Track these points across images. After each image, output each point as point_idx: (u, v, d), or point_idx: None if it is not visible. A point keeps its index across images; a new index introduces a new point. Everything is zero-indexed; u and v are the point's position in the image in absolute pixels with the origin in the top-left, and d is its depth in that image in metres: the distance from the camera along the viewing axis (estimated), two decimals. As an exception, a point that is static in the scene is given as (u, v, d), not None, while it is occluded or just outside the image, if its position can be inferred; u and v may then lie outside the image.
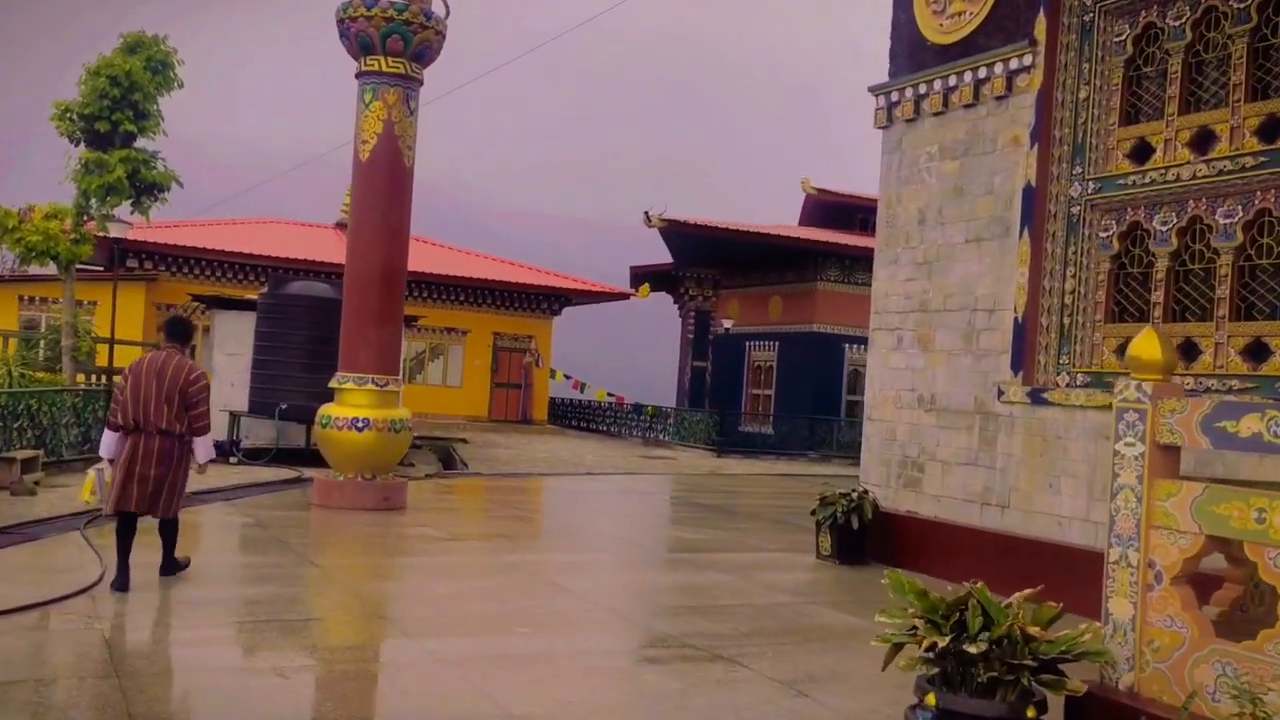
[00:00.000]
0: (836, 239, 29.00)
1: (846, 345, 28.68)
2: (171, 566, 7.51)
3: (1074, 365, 8.91)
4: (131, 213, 16.41)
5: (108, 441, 7.26)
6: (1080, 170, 9.00)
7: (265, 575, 8.10)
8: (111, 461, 7.25)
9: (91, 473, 7.60)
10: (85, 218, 16.24)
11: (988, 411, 9.45)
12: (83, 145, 16.08)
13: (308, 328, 16.89)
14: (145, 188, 16.35)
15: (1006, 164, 9.52)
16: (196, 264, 28.34)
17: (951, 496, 9.72)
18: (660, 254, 34.94)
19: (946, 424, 9.85)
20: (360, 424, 11.99)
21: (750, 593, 8.39)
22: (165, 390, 7.10)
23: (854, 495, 10.27)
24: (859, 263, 28.76)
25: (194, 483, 14.30)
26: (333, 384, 12.39)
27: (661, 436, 29.98)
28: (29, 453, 12.45)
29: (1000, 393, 9.30)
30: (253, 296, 18.17)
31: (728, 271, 32.15)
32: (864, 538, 10.15)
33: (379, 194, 12.35)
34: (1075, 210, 9.01)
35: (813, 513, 10.43)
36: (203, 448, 7.42)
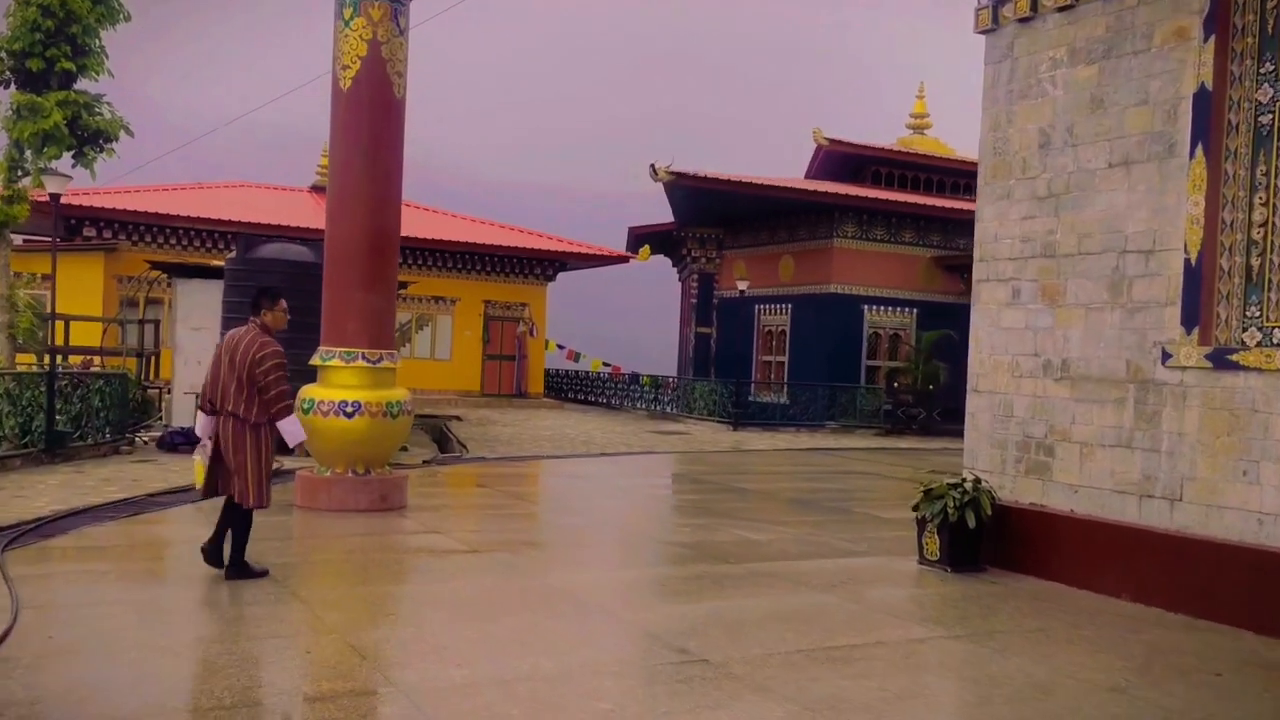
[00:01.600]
0: (856, 192, 26.97)
1: (866, 306, 26.73)
2: (240, 569, 6.86)
3: (1268, 318, 6.94)
4: (74, 165, 14.16)
5: (200, 421, 7.03)
6: (1272, 68, 6.99)
7: (231, 620, 6.08)
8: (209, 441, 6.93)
9: (197, 456, 7.08)
10: (19, 173, 13.97)
11: (1146, 379, 7.49)
12: (13, 87, 13.78)
13: (284, 296, 14.74)
14: (88, 136, 14.06)
15: (1167, 65, 7.50)
16: (160, 232, 26.05)
17: (1095, 486, 7.77)
18: (656, 216, 32.86)
19: (1086, 396, 7.88)
20: (350, 408, 9.95)
21: (869, 623, 6.44)
22: (235, 371, 6.79)
23: (966, 485, 8.31)
24: (877, 218, 26.83)
25: (156, 481, 12.34)
26: (315, 361, 10.32)
27: (669, 409, 28.00)
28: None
29: (1166, 355, 7.33)
30: (220, 263, 16.01)
31: (733, 231, 30.08)
32: (980, 538, 8.22)
33: (365, 130, 10.22)
34: (1265, 119, 7.01)
35: (915, 507, 8.48)
36: (287, 431, 6.93)
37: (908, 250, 27.23)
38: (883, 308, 26.92)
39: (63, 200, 24.77)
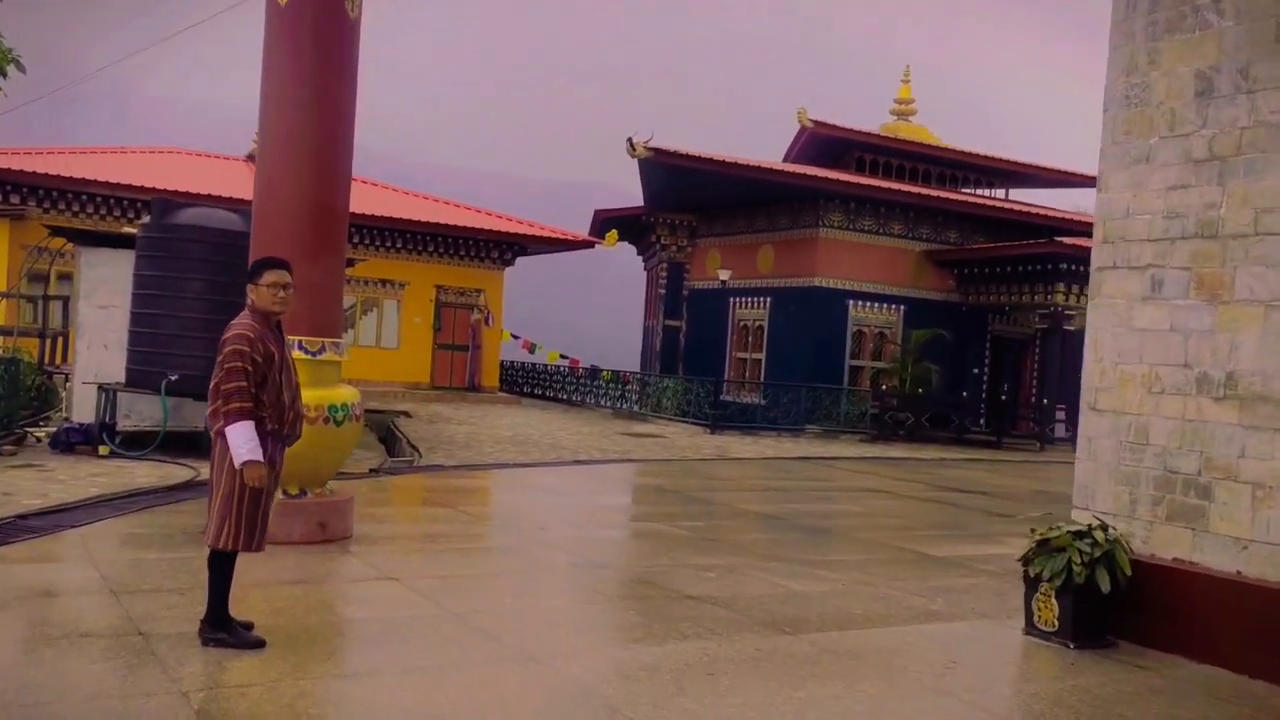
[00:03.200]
0: (848, 178, 25.09)
1: (851, 302, 24.88)
2: (217, 630, 5.15)
3: None
4: (-57, 103, 11.66)
5: None
6: None
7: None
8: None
9: None
10: (-122, 111, 11.47)
11: (1362, 404, 5.58)
12: None
13: (207, 269, 12.46)
14: (-35, 67, 11.60)
15: (1404, -19, 5.59)
16: (76, 198, 23.37)
17: (1275, 542, 5.86)
18: (619, 202, 30.76)
19: (1264, 422, 5.96)
20: (280, 412, 7.72)
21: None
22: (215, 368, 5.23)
23: (1095, 535, 6.34)
24: (865, 207, 25.00)
25: (33, 495, 9.90)
26: (237, 350, 8.08)
27: (636, 407, 25.92)
28: None
29: (1397, 373, 5.43)
30: (132, 231, 13.60)
31: (708, 218, 28.06)
32: (1110, 604, 6.28)
33: (308, 54, 7.99)
34: None
35: (1025, 561, 6.49)
36: (232, 442, 5.05)
37: (896, 243, 25.43)
38: (868, 304, 25.09)
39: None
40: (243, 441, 5.03)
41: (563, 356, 32.90)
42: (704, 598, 6.90)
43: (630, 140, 21.84)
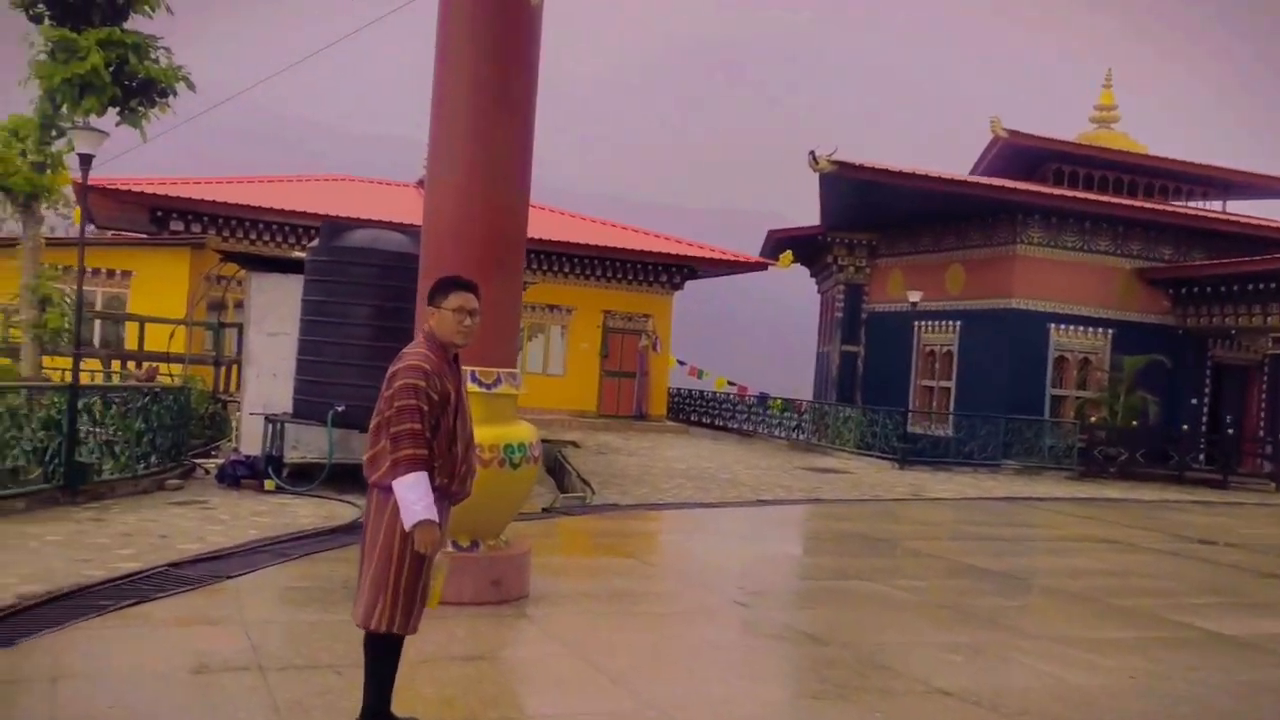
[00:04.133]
0: (1052, 190, 23.08)
1: (1052, 325, 22.77)
2: None
3: None
4: (118, 123, 11.30)
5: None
6: None
7: None
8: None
9: (441, 557, 4.29)
10: (53, 133, 11.20)
11: None
12: (47, 22, 11.00)
13: (376, 294, 11.78)
14: (137, 86, 11.24)
15: None
16: (253, 226, 23.59)
17: None
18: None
19: None
20: (450, 453, 6.75)
21: None
22: (380, 400, 4.21)
23: None
24: (1068, 221, 22.90)
25: (190, 539, 8.60)
26: (403, 382, 7.17)
27: (812, 439, 24.39)
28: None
29: None
30: (302, 255, 13.12)
31: (889, 235, 26.38)
32: None
33: (484, 43, 7.04)
34: None
35: None
36: (401, 500, 4.04)
37: (1103, 261, 23.19)
38: (1071, 327, 22.91)
39: (146, 191, 22.65)
40: (416, 497, 4.02)
41: (730, 383, 31.66)
42: (960, 693, 5.50)
43: (813, 154, 20.47)
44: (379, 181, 29.25)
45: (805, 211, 28.29)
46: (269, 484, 11.72)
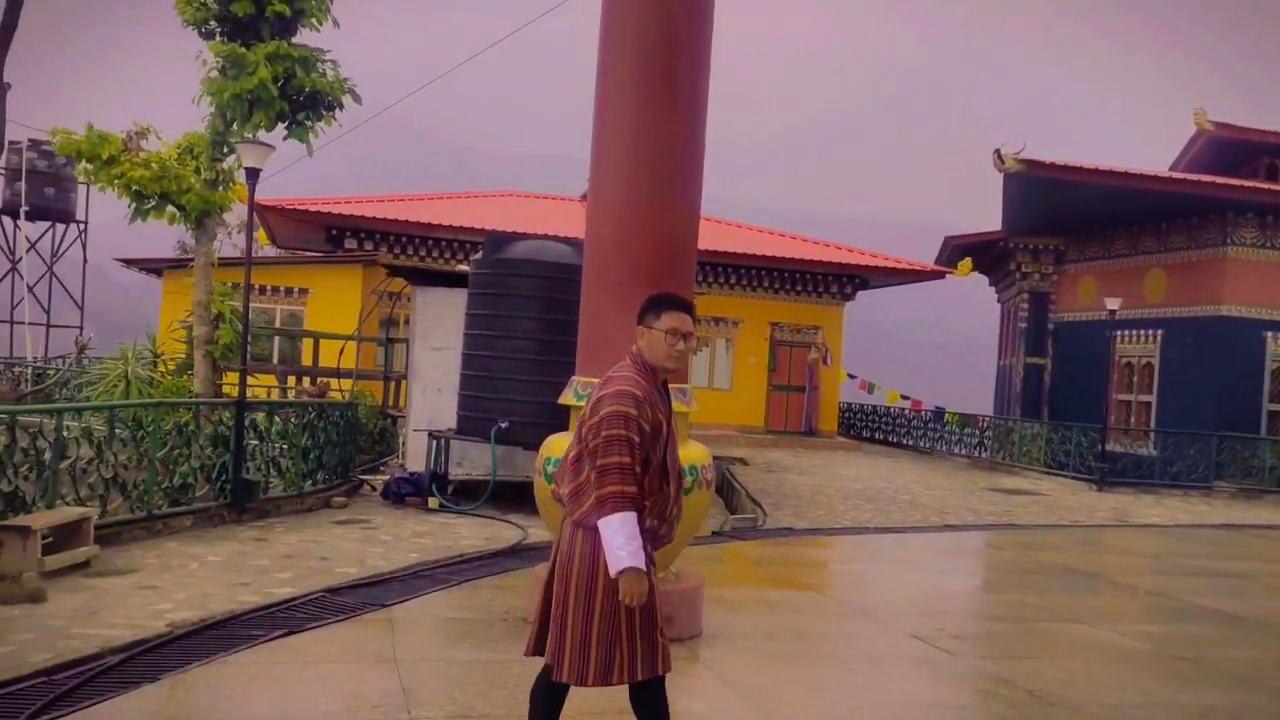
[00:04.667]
0: (1268, 186, 20.97)
1: (1269, 334, 20.63)
2: None
3: None
4: (286, 138, 11.28)
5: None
6: None
7: None
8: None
9: None
10: (225, 149, 11.26)
11: None
12: (218, 38, 11.09)
13: (540, 307, 11.39)
14: (303, 100, 11.20)
15: None
16: (422, 243, 23.84)
17: None
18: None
19: None
20: (616, 477, 6.15)
21: None
22: (580, 428, 3.73)
23: None
24: (1286, 219, 20.69)
25: (349, 562, 7.74)
26: (566, 399, 6.63)
27: (997, 457, 22.87)
28: (69, 513, 7.39)
29: None
30: (466, 268, 12.87)
31: (1078, 240, 24.59)
32: None
33: (655, 28, 6.45)
34: None
35: None
36: (606, 542, 3.52)
37: (1328, 262, 20.90)
38: (1290, 335, 20.71)
39: (320, 210, 23.18)
40: (623, 541, 3.50)
41: (904, 397, 30.23)
42: (1232, 778, 4.50)
43: (998, 152, 19.12)
44: (544, 196, 29.26)
45: (983, 221, 26.82)
46: (433, 502, 11.45)
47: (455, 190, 29.58)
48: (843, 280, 26.50)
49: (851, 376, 30.47)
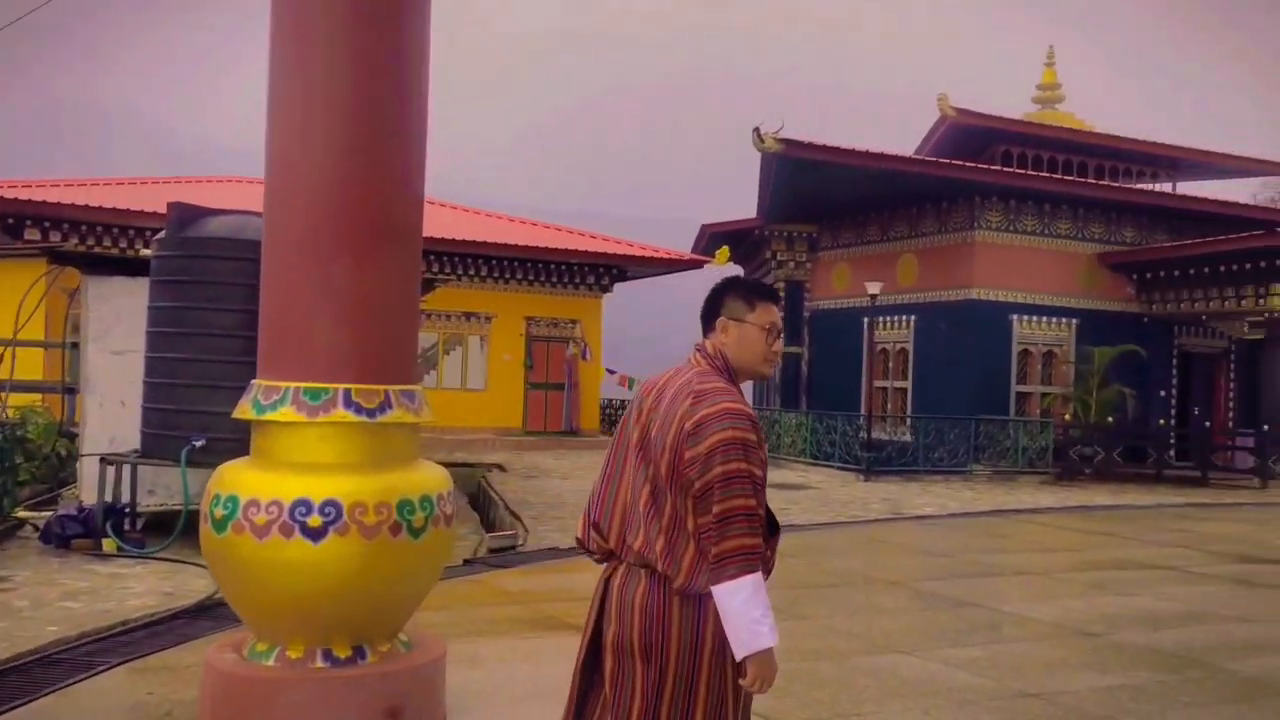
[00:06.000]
0: (1017, 171, 21.37)
1: (1015, 317, 21.02)
2: None
3: None
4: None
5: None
6: None
7: None
8: None
9: None
10: None
11: None
12: None
13: (241, 296, 9.18)
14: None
15: None
16: (123, 233, 20.67)
17: None
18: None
19: None
20: (314, 518, 4.41)
21: None
22: (650, 458, 2.82)
23: None
24: (1027, 203, 21.22)
25: None
26: (243, 411, 4.75)
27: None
28: None
29: None
30: (149, 253, 10.50)
31: (832, 226, 24.45)
32: None
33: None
34: None
35: None
36: (732, 614, 2.65)
37: (1064, 246, 21.54)
38: (1035, 318, 21.20)
39: (-8, 192, 19.62)
40: (763, 612, 2.67)
41: (664, 392, 29.42)
42: None
43: (757, 131, 18.33)
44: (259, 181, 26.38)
45: (743, 211, 26.35)
46: (108, 545, 9.11)
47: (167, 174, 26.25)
48: (599, 271, 25.29)
49: (611, 371, 29.34)
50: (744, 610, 2.63)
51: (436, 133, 5.66)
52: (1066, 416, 20.18)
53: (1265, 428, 19.59)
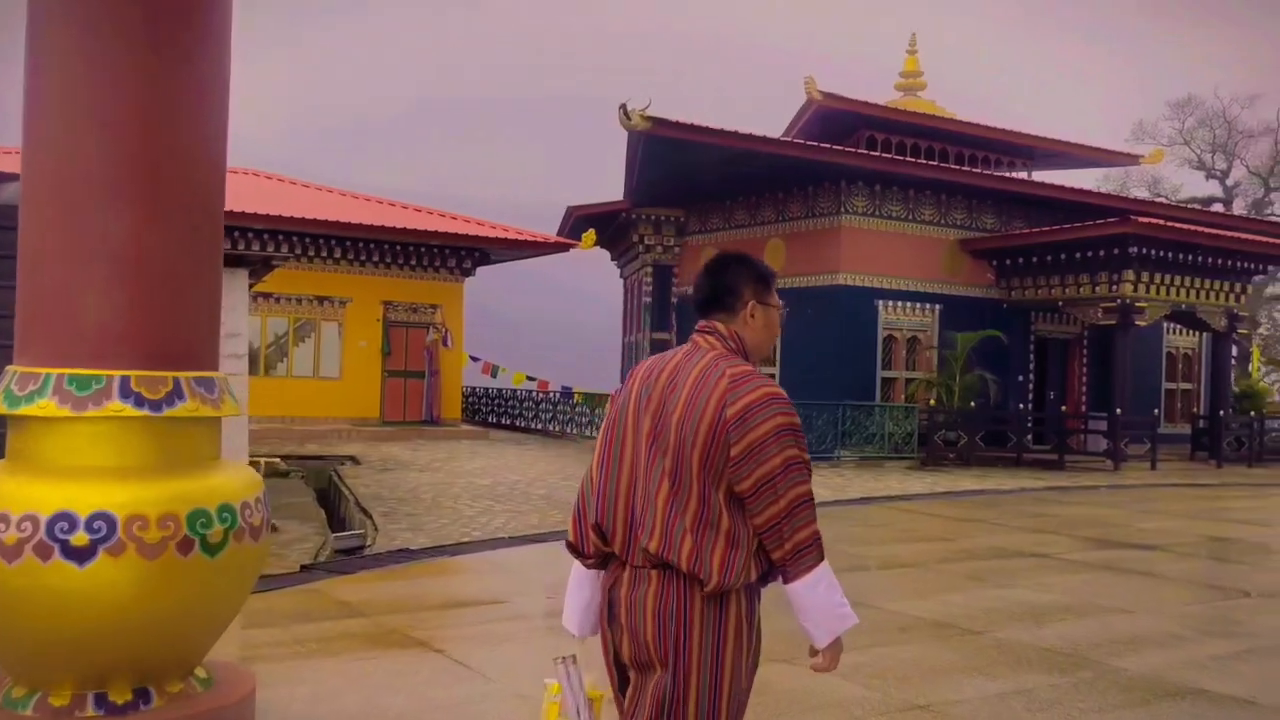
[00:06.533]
0: (885, 156, 21.29)
1: (880, 302, 21.01)
2: None
3: None
4: None
5: (572, 583, 2.83)
6: None
7: None
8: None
9: (553, 681, 2.77)
10: None
11: None
12: None
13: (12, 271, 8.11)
14: None
15: None
16: None
17: None
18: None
19: None
20: (80, 536, 3.57)
21: None
22: (678, 448, 2.59)
23: None
24: (892, 189, 21.22)
25: None
26: (-8, 404, 3.86)
27: (629, 437, 21.72)
28: None
29: None
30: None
31: (700, 210, 24.08)
32: None
33: None
34: None
35: None
36: (814, 610, 2.62)
37: (928, 232, 21.64)
38: (899, 304, 21.24)
39: None
40: (842, 595, 2.65)
41: (529, 379, 28.66)
42: None
43: (624, 108, 17.69)
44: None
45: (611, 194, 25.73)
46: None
47: None
48: (460, 254, 24.32)
49: (474, 359, 28.42)
50: (828, 596, 2.61)
51: (280, 112, 4.80)
52: (931, 401, 20.27)
53: (1117, 411, 20.05)
